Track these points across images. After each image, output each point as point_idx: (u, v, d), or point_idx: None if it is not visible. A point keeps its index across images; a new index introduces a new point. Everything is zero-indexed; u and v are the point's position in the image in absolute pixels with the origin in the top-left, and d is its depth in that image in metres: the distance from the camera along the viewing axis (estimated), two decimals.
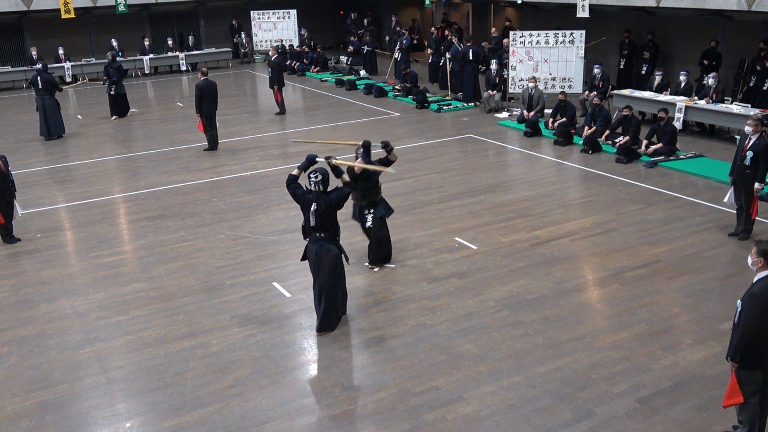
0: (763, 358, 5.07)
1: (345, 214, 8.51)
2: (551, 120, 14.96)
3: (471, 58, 18.40)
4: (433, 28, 23.66)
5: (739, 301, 5.16)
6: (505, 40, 18.69)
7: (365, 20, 27.50)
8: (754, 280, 5.17)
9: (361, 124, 16.65)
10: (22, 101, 21.49)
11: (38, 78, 15.91)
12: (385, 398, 6.17)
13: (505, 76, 17.56)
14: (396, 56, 21.98)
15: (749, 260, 5.24)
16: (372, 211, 8.62)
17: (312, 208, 7.11)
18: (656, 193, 11.14)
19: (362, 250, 9.25)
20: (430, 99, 18.37)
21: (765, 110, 13.43)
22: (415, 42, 25.02)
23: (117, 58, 18.51)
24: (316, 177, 7.00)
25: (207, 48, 27.02)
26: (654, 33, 17.83)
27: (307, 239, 7.38)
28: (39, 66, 16.49)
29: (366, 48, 23.54)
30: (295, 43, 26.26)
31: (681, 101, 14.32)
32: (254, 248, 9.55)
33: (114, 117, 18.20)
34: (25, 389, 6.51)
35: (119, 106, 18.36)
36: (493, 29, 22.17)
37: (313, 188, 7.07)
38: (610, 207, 10.56)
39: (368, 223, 8.60)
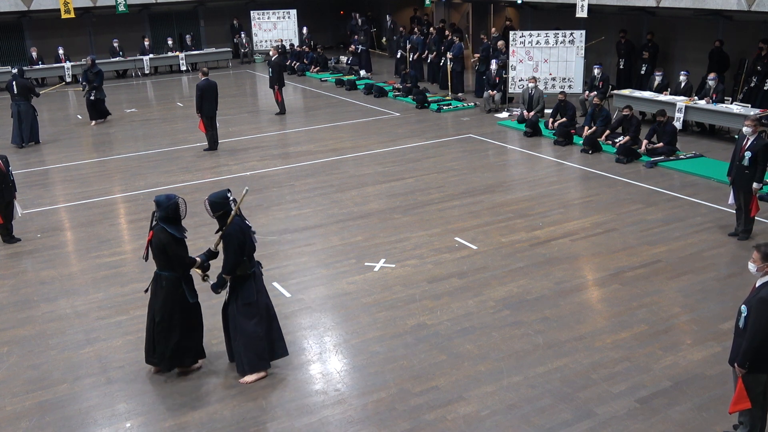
0: None
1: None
2: (551, 120, 14.96)
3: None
4: (432, 29, 23.67)
5: (743, 306, 5.08)
6: (500, 43, 18.72)
7: (360, 20, 27.50)
8: (758, 284, 5.08)
9: (361, 124, 16.65)
10: None
11: (14, 83, 15.35)
12: (385, 398, 6.17)
13: (505, 76, 17.56)
14: (407, 56, 22.00)
15: (751, 266, 5.09)
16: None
17: (252, 230, 6.48)
18: (656, 193, 11.14)
19: (359, 249, 9.27)
20: (430, 99, 18.38)
21: (765, 110, 13.43)
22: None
23: (96, 63, 17.75)
24: (232, 199, 6.34)
25: (207, 48, 27.02)
26: (654, 33, 17.83)
27: (252, 270, 6.43)
28: (15, 71, 15.81)
29: (360, 47, 23.56)
30: (296, 42, 26.28)
31: (681, 101, 14.33)
32: None
33: (94, 122, 17.60)
34: (25, 389, 6.51)
35: (97, 111, 17.70)
36: (493, 29, 22.18)
37: (239, 213, 6.35)
38: (610, 207, 10.56)
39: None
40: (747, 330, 4.98)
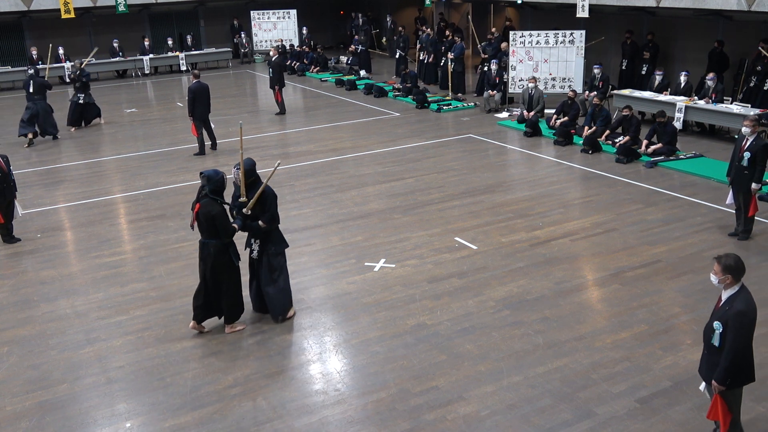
0: (749, 374, 4.96)
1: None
2: (554, 117, 14.94)
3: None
4: (429, 29, 23.68)
5: (716, 322, 4.91)
6: (503, 45, 18.71)
7: (361, 20, 27.50)
8: (724, 297, 4.94)
9: (361, 124, 16.65)
10: (21, 101, 21.37)
11: (31, 82, 15.70)
12: (385, 398, 6.17)
13: (505, 79, 17.55)
14: (409, 56, 22.05)
15: (713, 278, 4.95)
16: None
17: None
18: (656, 193, 11.14)
19: (359, 249, 9.27)
20: (430, 99, 18.38)
21: (765, 110, 13.43)
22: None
23: (84, 67, 17.47)
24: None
25: (207, 48, 27.04)
26: (654, 33, 17.83)
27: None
28: (32, 71, 16.16)
29: (360, 47, 23.56)
30: (296, 42, 26.28)
31: (681, 101, 14.33)
32: None
33: (72, 128, 17.06)
34: (25, 389, 6.51)
35: (86, 114, 17.31)
36: (493, 29, 22.18)
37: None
38: (610, 207, 10.56)
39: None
40: (725, 346, 4.82)
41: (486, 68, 18.92)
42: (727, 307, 4.88)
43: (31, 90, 15.72)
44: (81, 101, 17.16)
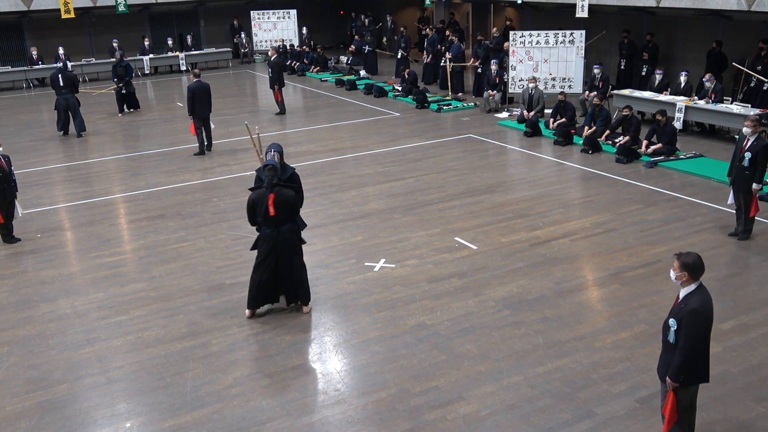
0: (703, 373, 5.00)
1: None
2: (551, 120, 14.97)
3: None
4: (427, 29, 23.67)
5: (671, 319, 4.94)
6: (506, 44, 18.68)
7: (366, 20, 27.47)
8: (681, 295, 4.97)
9: (361, 124, 16.65)
10: (22, 101, 21.52)
11: (59, 76, 16.12)
12: (385, 398, 6.18)
13: (506, 79, 17.53)
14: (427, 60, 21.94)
15: (672, 274, 4.96)
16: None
17: None
18: (656, 193, 11.14)
19: (359, 249, 9.27)
20: (430, 99, 18.38)
21: (765, 110, 13.43)
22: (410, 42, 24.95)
23: (124, 58, 19.13)
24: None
25: (207, 48, 27.04)
26: (654, 33, 17.83)
27: None
28: (60, 65, 16.88)
29: (367, 48, 23.55)
30: (296, 42, 26.28)
31: (681, 101, 14.33)
32: None
33: (121, 114, 18.67)
34: (25, 389, 6.51)
35: (131, 102, 19.00)
36: (494, 29, 22.18)
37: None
38: (610, 207, 10.56)
39: None
40: (679, 344, 4.86)
41: (479, 70, 18.93)
42: (683, 304, 4.92)
43: (61, 84, 16.10)
44: (123, 91, 18.59)
